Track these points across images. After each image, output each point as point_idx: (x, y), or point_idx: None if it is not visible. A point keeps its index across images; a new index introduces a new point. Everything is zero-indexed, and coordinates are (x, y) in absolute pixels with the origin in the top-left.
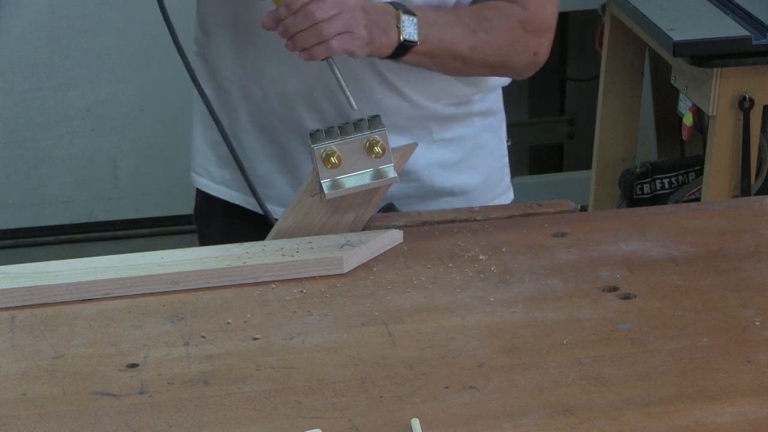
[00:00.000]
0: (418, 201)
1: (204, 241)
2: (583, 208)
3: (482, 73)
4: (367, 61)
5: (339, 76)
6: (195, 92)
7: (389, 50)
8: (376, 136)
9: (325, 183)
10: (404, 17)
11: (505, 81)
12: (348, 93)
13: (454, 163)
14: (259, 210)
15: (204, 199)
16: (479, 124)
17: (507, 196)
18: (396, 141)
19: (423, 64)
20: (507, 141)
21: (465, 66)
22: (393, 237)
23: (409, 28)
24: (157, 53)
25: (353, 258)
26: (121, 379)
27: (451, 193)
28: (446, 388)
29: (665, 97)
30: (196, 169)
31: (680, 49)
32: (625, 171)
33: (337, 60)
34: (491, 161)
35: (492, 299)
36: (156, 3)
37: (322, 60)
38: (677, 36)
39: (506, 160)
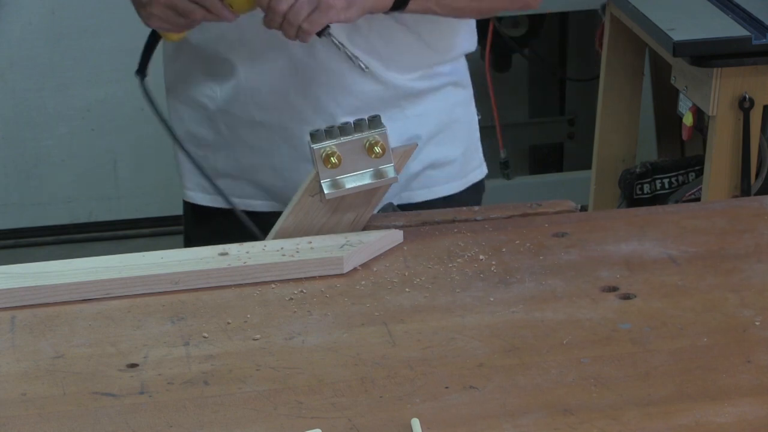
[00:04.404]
0: (401, 186)
1: None
2: (583, 208)
3: (496, 8)
4: (336, 50)
5: (340, 44)
6: (172, 111)
7: (388, 3)
8: (376, 136)
9: (325, 183)
10: None
11: (472, 47)
12: (356, 55)
13: (430, 136)
14: (259, 209)
15: (196, 217)
16: (452, 98)
17: (481, 170)
18: None
19: (430, 9)
20: (477, 115)
21: (472, 2)
22: (393, 237)
23: None
24: (158, 52)
25: (353, 258)
26: (121, 379)
27: (431, 166)
28: (446, 388)
29: (665, 97)
30: (189, 186)
31: (680, 49)
32: (625, 171)
33: (311, 54)
34: (466, 134)
35: (492, 299)
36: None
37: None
38: (677, 36)
39: (478, 134)
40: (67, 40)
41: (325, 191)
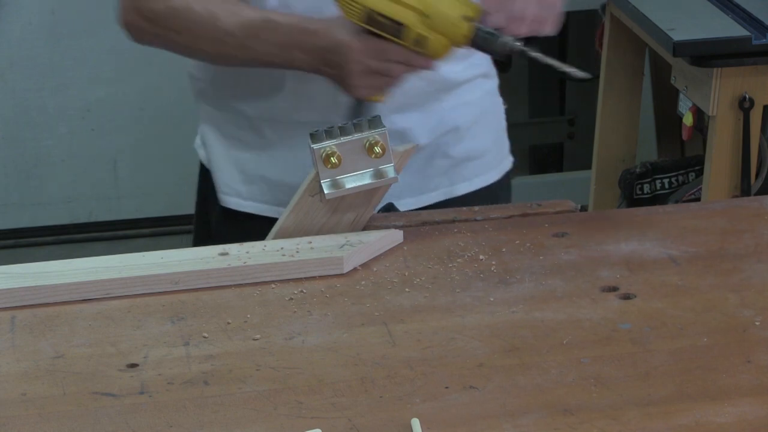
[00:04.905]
0: (439, 174)
1: None
2: (583, 208)
3: None
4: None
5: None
6: (204, 115)
7: None
8: (376, 136)
9: (325, 183)
10: None
11: None
12: (565, 65)
13: (466, 128)
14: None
15: (228, 221)
16: (481, 88)
17: (509, 159)
18: (410, 118)
19: None
20: (504, 104)
21: None
22: (393, 237)
23: None
24: (157, 52)
25: (353, 258)
26: (121, 379)
27: (468, 158)
28: (446, 388)
29: (665, 97)
30: (224, 190)
31: (680, 49)
32: (625, 171)
33: None
34: (495, 124)
35: (492, 299)
36: None
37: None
38: (677, 36)
39: (505, 123)
40: (67, 40)
41: (325, 191)
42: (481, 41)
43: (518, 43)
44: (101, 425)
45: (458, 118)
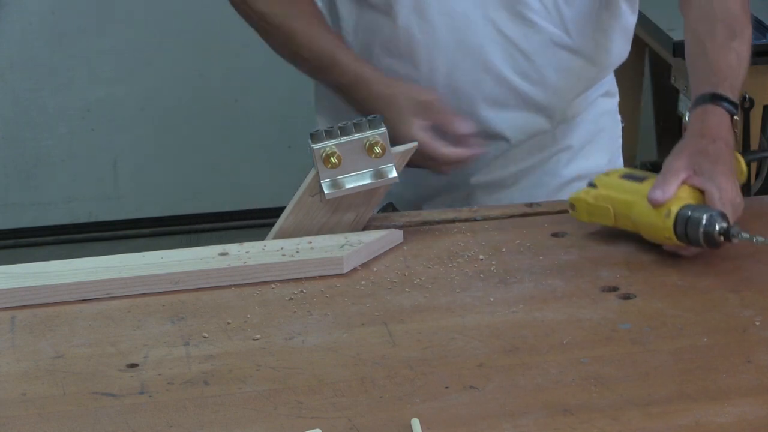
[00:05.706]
0: (546, 194)
1: None
2: None
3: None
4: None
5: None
6: (322, 119)
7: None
8: (377, 136)
9: (325, 183)
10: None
11: (625, 54)
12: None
13: (580, 146)
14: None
15: None
16: (601, 108)
17: None
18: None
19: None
20: (621, 122)
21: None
22: (393, 237)
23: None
24: (158, 52)
25: (353, 258)
26: (121, 379)
27: (577, 177)
28: (446, 388)
29: (665, 97)
30: None
31: (680, 49)
32: None
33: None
34: (610, 143)
35: (492, 299)
36: (155, 3)
37: None
38: (677, 36)
39: (620, 141)
40: (67, 40)
41: (325, 191)
42: (684, 238)
43: (720, 234)
44: (101, 425)
45: (572, 137)
